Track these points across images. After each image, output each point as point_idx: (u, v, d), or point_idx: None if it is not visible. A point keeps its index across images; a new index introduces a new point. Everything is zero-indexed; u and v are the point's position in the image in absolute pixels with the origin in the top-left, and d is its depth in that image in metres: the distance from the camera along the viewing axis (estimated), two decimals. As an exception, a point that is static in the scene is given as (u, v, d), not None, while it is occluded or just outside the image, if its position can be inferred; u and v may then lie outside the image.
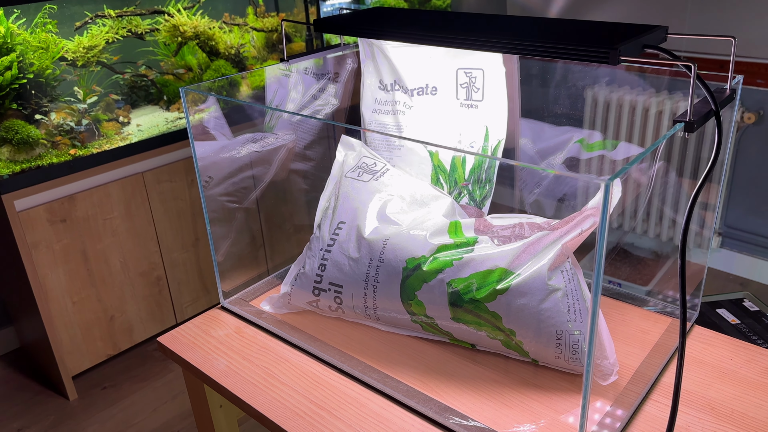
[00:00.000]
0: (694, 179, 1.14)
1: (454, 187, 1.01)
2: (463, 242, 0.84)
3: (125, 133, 1.99)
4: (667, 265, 2.28)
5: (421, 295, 0.82)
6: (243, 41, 2.24)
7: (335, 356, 0.86)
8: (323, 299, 0.91)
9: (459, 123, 1.00)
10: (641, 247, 2.36)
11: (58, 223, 1.84)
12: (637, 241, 2.43)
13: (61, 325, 1.90)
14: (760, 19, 2.05)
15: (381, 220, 0.89)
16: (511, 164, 1.09)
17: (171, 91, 2.09)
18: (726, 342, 0.86)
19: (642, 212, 2.22)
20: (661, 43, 0.73)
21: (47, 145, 1.83)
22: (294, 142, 1.15)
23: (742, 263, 2.35)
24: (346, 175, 0.98)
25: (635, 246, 2.31)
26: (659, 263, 2.30)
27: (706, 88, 0.63)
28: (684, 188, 1.32)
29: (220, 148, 1.11)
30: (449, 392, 0.80)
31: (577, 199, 1.16)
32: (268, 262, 1.13)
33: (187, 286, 2.20)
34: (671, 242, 2.34)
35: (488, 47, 0.75)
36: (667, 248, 2.36)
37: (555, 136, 1.12)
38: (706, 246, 1.00)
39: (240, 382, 0.83)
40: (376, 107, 1.08)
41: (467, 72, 0.97)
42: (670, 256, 2.39)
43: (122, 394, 1.99)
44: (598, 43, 0.65)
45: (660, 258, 2.36)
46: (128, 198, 1.97)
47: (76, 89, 1.88)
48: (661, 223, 2.34)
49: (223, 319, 0.97)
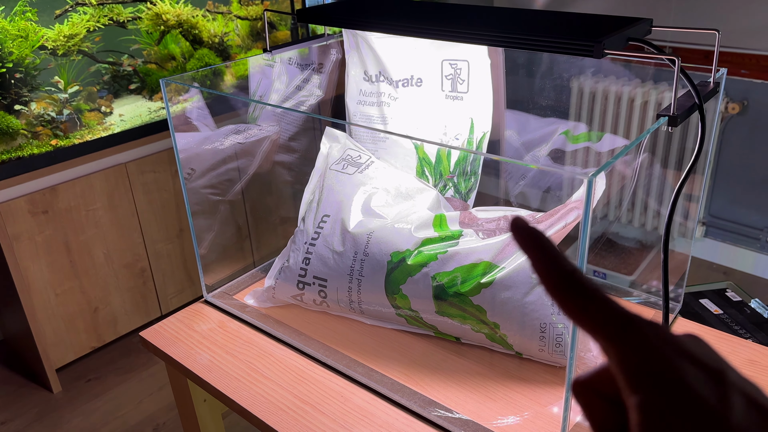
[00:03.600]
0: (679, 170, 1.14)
1: (440, 180, 1.01)
2: (448, 236, 0.84)
3: (107, 123, 1.97)
4: (651, 255, 2.31)
5: (406, 288, 0.82)
6: (227, 30, 2.21)
7: (319, 350, 0.86)
8: (308, 293, 0.90)
9: (444, 115, 1.00)
10: (626, 236, 2.38)
11: (39, 215, 1.81)
12: (622, 230, 2.45)
13: (44, 317, 1.88)
14: (744, 9, 2.06)
15: (366, 213, 0.89)
16: (496, 154, 1.09)
17: (154, 80, 2.06)
18: (708, 333, 0.87)
19: (627, 203, 2.23)
20: (645, 36, 0.73)
21: (28, 136, 1.80)
22: (278, 133, 1.14)
23: (726, 252, 2.37)
24: (330, 168, 0.97)
25: (620, 235, 2.32)
26: (644, 253, 2.32)
27: (689, 82, 0.63)
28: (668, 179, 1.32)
29: (202, 140, 1.09)
30: (434, 385, 0.80)
31: (562, 191, 1.17)
32: (252, 255, 1.12)
33: (172, 278, 2.18)
34: (656, 232, 2.36)
35: (473, 39, 0.74)
36: (652, 238, 2.38)
37: (540, 128, 1.12)
38: (690, 236, 1.01)
39: (223, 376, 0.83)
40: (361, 98, 1.07)
41: (452, 63, 0.96)
42: (655, 246, 2.41)
43: (106, 386, 1.98)
44: (582, 36, 0.65)
45: (644, 247, 2.38)
46: (111, 189, 1.95)
47: (56, 78, 1.84)
48: (646, 212, 2.36)
49: (206, 313, 0.96)
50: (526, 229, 0.28)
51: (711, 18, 2.14)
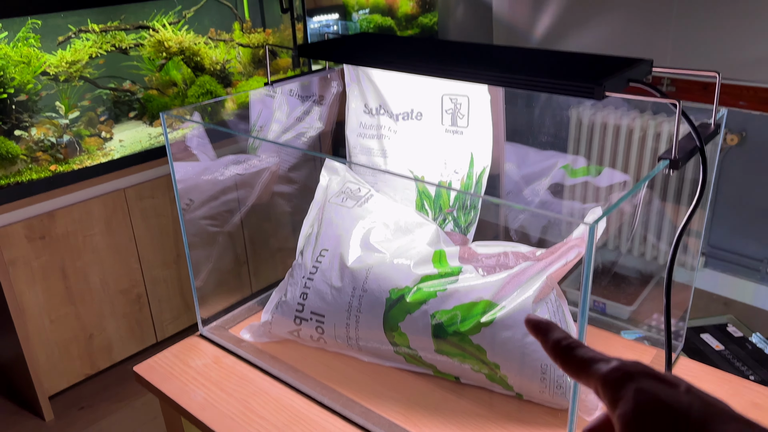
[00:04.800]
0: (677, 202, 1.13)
1: (439, 213, 1.00)
2: (448, 272, 0.83)
3: (107, 148, 1.97)
4: (651, 285, 2.29)
5: (405, 326, 0.81)
6: (229, 57, 2.23)
7: (316, 388, 0.84)
8: (305, 328, 0.89)
9: (444, 149, 0.99)
10: (626, 266, 2.37)
11: (36, 240, 1.80)
12: (621, 260, 2.44)
13: (37, 343, 1.86)
14: (743, 42, 2.08)
15: (364, 248, 0.88)
16: (496, 188, 1.08)
17: (155, 106, 2.07)
18: (711, 374, 0.86)
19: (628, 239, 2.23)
20: (645, 77, 0.73)
21: (27, 161, 1.80)
22: (278, 165, 1.14)
23: (726, 283, 2.36)
24: (329, 201, 0.97)
25: (619, 265, 2.31)
26: (643, 283, 2.30)
27: (691, 126, 0.63)
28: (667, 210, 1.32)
29: (201, 170, 1.09)
30: (432, 427, 0.78)
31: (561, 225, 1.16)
32: (249, 287, 1.11)
33: (168, 304, 2.16)
34: (655, 261, 2.35)
35: (473, 79, 0.74)
36: (652, 267, 2.37)
37: (540, 161, 1.12)
38: (692, 270, 1.00)
39: (218, 416, 0.81)
40: (361, 131, 1.07)
41: (452, 98, 0.97)
42: (655, 276, 2.39)
43: (100, 414, 1.95)
44: (583, 78, 0.64)
45: (644, 277, 2.37)
46: (109, 214, 1.94)
47: (57, 104, 1.85)
48: (645, 242, 2.35)
49: (201, 347, 0.95)
50: (535, 322, 0.36)
51: (709, 50, 2.16)
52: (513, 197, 1.09)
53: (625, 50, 2.41)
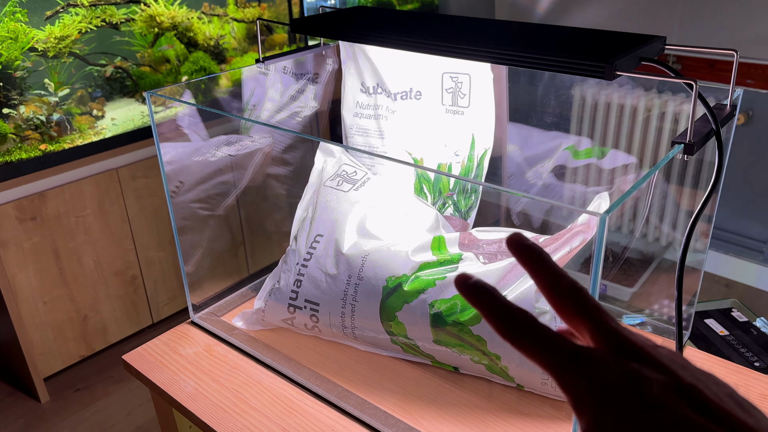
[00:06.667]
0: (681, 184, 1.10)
1: (438, 197, 0.97)
2: (447, 259, 0.79)
3: (99, 127, 1.92)
4: (653, 266, 2.26)
5: (402, 316, 0.78)
6: (223, 32, 2.17)
7: (310, 378, 0.82)
8: (299, 317, 0.86)
9: (444, 129, 0.95)
10: (623, 245, 2.34)
11: (27, 221, 1.76)
12: (623, 240, 2.41)
13: (31, 325, 1.84)
14: (750, 19, 2.02)
15: (361, 234, 0.84)
16: (498, 170, 1.05)
17: (147, 83, 2.02)
18: (718, 365, 0.83)
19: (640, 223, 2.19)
20: (658, 55, 0.69)
21: (16, 140, 1.75)
22: (271, 146, 1.10)
23: (728, 265, 2.34)
24: (324, 184, 0.93)
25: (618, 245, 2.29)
26: (645, 264, 2.28)
27: (707, 108, 0.59)
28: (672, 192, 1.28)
29: (192, 151, 1.05)
30: (430, 419, 0.75)
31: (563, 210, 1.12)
32: (242, 273, 1.08)
33: (164, 285, 2.13)
34: (657, 243, 2.32)
35: (476, 56, 0.70)
36: (654, 248, 2.34)
37: (543, 142, 1.08)
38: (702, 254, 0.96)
39: (208, 406, 0.79)
40: (358, 111, 1.03)
41: (453, 77, 0.92)
42: (656, 257, 2.37)
43: (96, 396, 1.93)
44: (593, 56, 0.60)
45: (646, 258, 2.34)
46: (102, 195, 1.91)
47: (46, 81, 1.80)
48: (648, 223, 2.32)
49: (192, 335, 0.92)
50: (476, 285, 0.31)
51: (716, 27, 2.10)
52: (516, 180, 1.05)
53: (629, 26, 2.35)
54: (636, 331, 0.30)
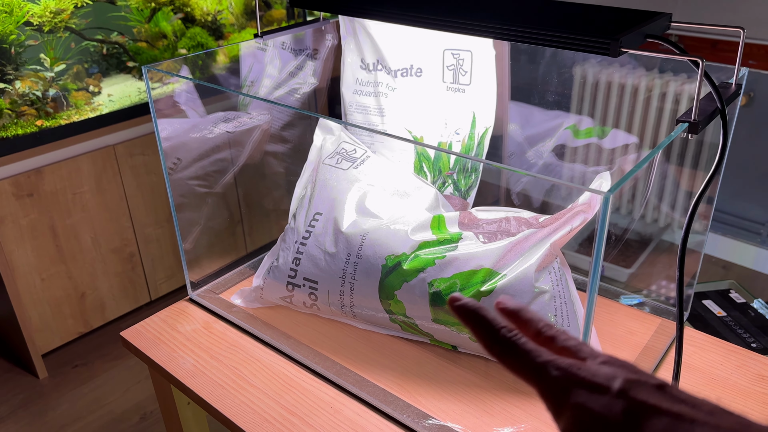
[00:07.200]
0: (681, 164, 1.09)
1: (438, 176, 0.96)
2: (447, 239, 0.79)
3: (95, 103, 1.90)
4: (650, 247, 2.27)
5: (401, 294, 0.78)
6: (220, 7, 2.14)
7: (309, 356, 0.82)
8: (297, 295, 0.86)
9: (445, 107, 0.94)
10: (624, 227, 2.34)
11: (24, 198, 1.75)
12: (621, 221, 2.40)
13: (29, 302, 1.84)
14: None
15: (360, 212, 0.84)
16: (499, 151, 1.04)
17: (144, 59, 1.99)
18: (717, 346, 0.83)
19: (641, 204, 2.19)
20: (663, 32, 0.68)
21: (12, 116, 1.73)
22: (269, 122, 1.09)
23: (725, 246, 2.34)
24: (323, 162, 0.92)
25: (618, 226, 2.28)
26: (643, 245, 2.28)
27: (713, 86, 0.58)
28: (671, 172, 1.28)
29: (189, 128, 1.04)
30: (428, 397, 0.76)
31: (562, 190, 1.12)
32: (240, 250, 1.08)
33: (162, 263, 2.13)
34: (656, 224, 2.32)
35: (479, 32, 0.69)
36: (652, 229, 2.34)
37: (544, 121, 1.07)
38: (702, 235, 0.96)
39: (207, 383, 0.79)
40: (357, 88, 1.01)
41: (455, 53, 0.91)
42: (654, 238, 2.37)
43: (94, 372, 1.94)
44: (598, 33, 0.59)
45: (643, 239, 2.34)
46: (99, 172, 1.89)
47: (42, 56, 1.77)
48: (646, 204, 2.32)
49: (191, 312, 0.92)
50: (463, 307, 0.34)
51: (718, 7, 2.07)
52: (516, 159, 1.04)
53: (632, 3, 2.32)
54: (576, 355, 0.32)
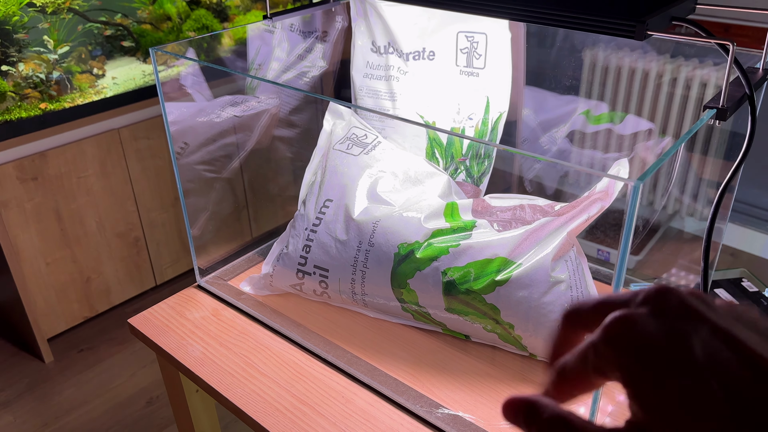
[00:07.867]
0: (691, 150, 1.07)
1: (451, 162, 0.94)
2: (460, 226, 0.77)
3: (100, 86, 1.88)
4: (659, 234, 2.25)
5: (414, 283, 0.76)
6: (226, -11, 2.10)
7: (320, 345, 0.81)
8: (307, 282, 0.84)
9: (458, 92, 0.92)
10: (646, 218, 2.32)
11: (29, 181, 1.74)
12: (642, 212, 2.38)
13: (34, 286, 1.83)
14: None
15: (371, 199, 0.82)
16: (513, 137, 1.02)
17: (148, 41, 1.97)
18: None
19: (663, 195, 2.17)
20: (689, 14, 0.65)
21: (16, 99, 1.71)
22: (278, 107, 1.07)
23: (734, 234, 2.32)
24: (334, 147, 0.90)
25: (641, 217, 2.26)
26: (652, 232, 2.26)
27: (741, 70, 0.56)
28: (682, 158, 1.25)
29: (197, 112, 1.02)
30: (440, 387, 0.75)
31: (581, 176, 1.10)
32: (249, 236, 1.06)
33: (167, 247, 2.12)
34: (664, 211, 2.30)
35: (496, 12, 0.67)
36: (661, 217, 2.32)
37: (559, 107, 1.05)
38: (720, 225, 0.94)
39: (216, 371, 0.78)
40: (368, 71, 0.99)
41: (468, 36, 0.89)
42: (662, 225, 2.35)
43: (99, 357, 1.94)
44: (623, 15, 0.57)
45: (652, 226, 2.32)
46: (104, 155, 1.88)
47: (45, 38, 1.75)
48: (655, 190, 2.29)
49: (199, 299, 0.91)
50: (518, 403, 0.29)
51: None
52: (529, 145, 1.02)
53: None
54: None
